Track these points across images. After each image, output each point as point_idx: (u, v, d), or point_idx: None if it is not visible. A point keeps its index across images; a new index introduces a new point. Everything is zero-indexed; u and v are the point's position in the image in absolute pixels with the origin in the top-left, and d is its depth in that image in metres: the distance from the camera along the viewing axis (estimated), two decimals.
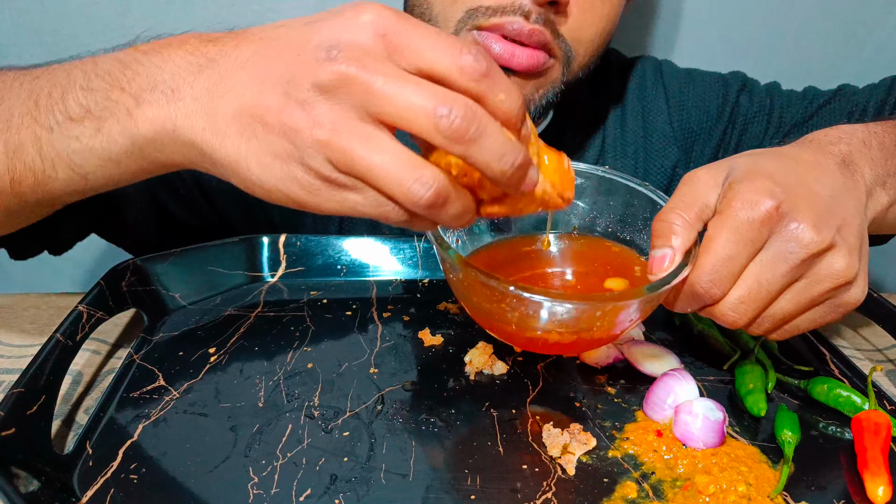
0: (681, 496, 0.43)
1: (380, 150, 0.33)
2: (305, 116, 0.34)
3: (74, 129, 0.41)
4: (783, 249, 0.41)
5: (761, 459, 0.46)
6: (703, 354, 0.57)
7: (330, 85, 0.33)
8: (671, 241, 0.43)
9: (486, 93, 0.33)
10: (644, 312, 0.46)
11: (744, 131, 0.77)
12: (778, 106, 0.77)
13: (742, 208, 0.41)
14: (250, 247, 0.67)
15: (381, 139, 0.33)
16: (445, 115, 0.32)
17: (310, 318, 0.61)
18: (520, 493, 0.43)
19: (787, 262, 0.41)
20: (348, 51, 0.33)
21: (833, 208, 0.42)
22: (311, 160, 0.34)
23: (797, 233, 0.41)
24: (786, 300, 0.43)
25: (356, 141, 0.33)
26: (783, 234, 0.41)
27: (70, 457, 0.44)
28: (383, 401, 0.51)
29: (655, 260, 0.43)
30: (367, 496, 0.42)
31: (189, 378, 0.53)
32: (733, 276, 0.42)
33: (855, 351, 0.63)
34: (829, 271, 0.42)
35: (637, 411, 0.50)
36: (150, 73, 0.38)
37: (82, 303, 0.54)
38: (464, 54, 0.33)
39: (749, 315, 0.43)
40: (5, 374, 0.55)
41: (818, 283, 0.42)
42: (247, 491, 0.42)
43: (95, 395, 0.53)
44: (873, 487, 0.43)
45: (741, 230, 0.41)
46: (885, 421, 0.47)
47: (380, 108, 0.33)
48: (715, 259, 0.42)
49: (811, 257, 0.41)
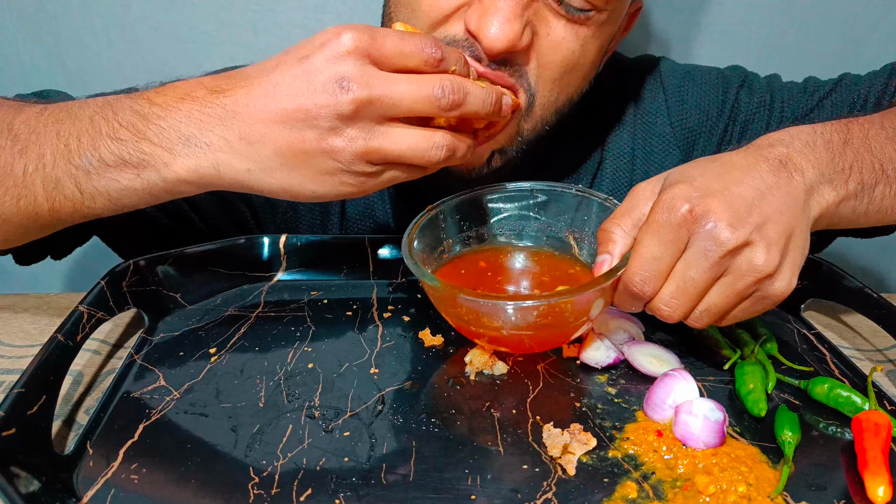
0: (681, 496, 0.43)
1: (401, 138, 0.45)
2: (341, 139, 0.44)
3: (111, 173, 0.48)
4: (703, 247, 0.45)
5: (761, 459, 0.46)
6: (703, 354, 0.57)
7: (352, 111, 0.43)
8: (609, 248, 0.49)
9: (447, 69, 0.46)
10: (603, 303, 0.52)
11: (745, 129, 0.77)
12: (779, 101, 0.76)
13: (661, 213, 0.46)
14: (251, 247, 0.67)
15: (398, 130, 0.45)
16: (442, 96, 0.44)
17: (310, 318, 0.61)
18: (520, 493, 0.43)
19: (708, 259, 0.45)
20: (354, 79, 0.43)
21: (754, 207, 0.45)
22: (356, 167, 0.45)
23: (714, 231, 0.44)
24: (715, 294, 0.47)
25: (383, 140, 0.45)
26: (701, 233, 0.45)
27: (70, 457, 0.44)
28: (384, 401, 0.51)
29: (597, 265, 0.50)
30: (367, 496, 0.42)
31: (189, 378, 0.53)
32: (661, 275, 0.47)
33: (855, 351, 0.63)
34: (749, 266, 0.45)
35: (637, 411, 0.50)
36: (176, 127, 0.46)
37: (83, 303, 0.54)
38: (425, 50, 0.45)
39: (683, 309, 0.47)
40: (6, 374, 0.55)
41: (741, 278, 0.46)
42: (247, 491, 0.42)
43: (96, 395, 0.53)
44: (873, 487, 0.43)
45: (661, 232, 0.46)
46: (885, 421, 0.47)
47: (393, 111, 0.44)
48: (641, 260, 0.47)
49: (729, 254, 0.45)
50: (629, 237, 0.49)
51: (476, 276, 0.60)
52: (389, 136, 0.45)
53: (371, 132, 0.44)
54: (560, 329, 0.52)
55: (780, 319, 0.64)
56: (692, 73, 0.80)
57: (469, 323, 0.51)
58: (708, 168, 0.48)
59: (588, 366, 0.55)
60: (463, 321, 0.52)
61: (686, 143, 0.78)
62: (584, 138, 0.78)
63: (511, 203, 0.62)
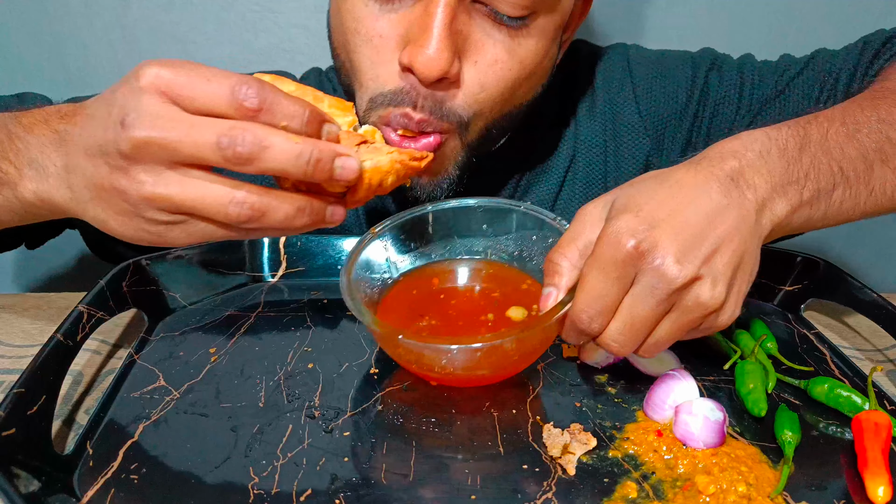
0: (681, 496, 0.43)
1: (194, 188, 0.39)
2: (126, 179, 0.40)
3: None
4: (650, 284, 0.43)
5: (761, 459, 0.46)
6: (703, 354, 0.57)
7: (131, 151, 0.38)
8: (555, 280, 0.48)
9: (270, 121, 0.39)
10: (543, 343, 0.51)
11: (715, 113, 0.75)
12: (749, 83, 0.74)
13: (607, 248, 0.44)
14: (251, 247, 0.67)
15: (194, 179, 0.39)
16: (227, 146, 0.38)
17: (310, 318, 0.61)
18: (520, 493, 0.43)
19: (655, 296, 0.44)
20: (136, 118, 0.38)
21: (704, 235, 0.44)
22: (146, 212, 0.41)
23: (661, 268, 0.43)
24: (663, 329, 0.46)
25: (173, 187, 0.39)
26: (648, 270, 0.43)
27: (70, 457, 0.44)
28: (384, 401, 0.51)
29: (543, 297, 0.48)
30: (367, 496, 0.42)
31: (189, 378, 0.53)
32: (609, 311, 0.45)
33: (855, 351, 0.63)
34: (695, 302, 0.44)
35: (637, 411, 0.50)
36: (27, 149, 0.45)
37: (83, 303, 0.54)
38: (236, 94, 0.38)
39: (631, 344, 0.46)
40: (6, 374, 0.55)
41: (688, 313, 0.44)
42: (247, 491, 0.42)
43: (96, 395, 0.53)
44: (873, 487, 0.43)
45: (607, 269, 0.44)
46: (885, 421, 0.47)
47: (178, 155, 0.39)
48: (588, 297, 0.45)
49: (676, 291, 0.43)
50: (575, 270, 0.47)
51: (428, 298, 0.58)
52: (182, 182, 0.39)
53: (159, 177, 0.39)
54: (508, 368, 0.51)
55: (780, 319, 0.64)
56: (661, 58, 0.78)
57: (410, 363, 0.50)
58: (656, 191, 0.46)
59: (588, 366, 0.55)
60: (404, 361, 0.51)
61: (655, 130, 0.76)
62: (556, 130, 0.77)
63: (459, 220, 0.60)
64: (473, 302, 0.58)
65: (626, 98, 0.76)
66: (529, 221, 0.58)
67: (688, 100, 0.75)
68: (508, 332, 0.47)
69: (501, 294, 0.58)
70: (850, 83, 0.69)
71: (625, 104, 0.76)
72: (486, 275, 0.61)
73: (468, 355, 0.47)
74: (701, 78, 0.75)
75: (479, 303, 0.58)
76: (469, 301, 0.58)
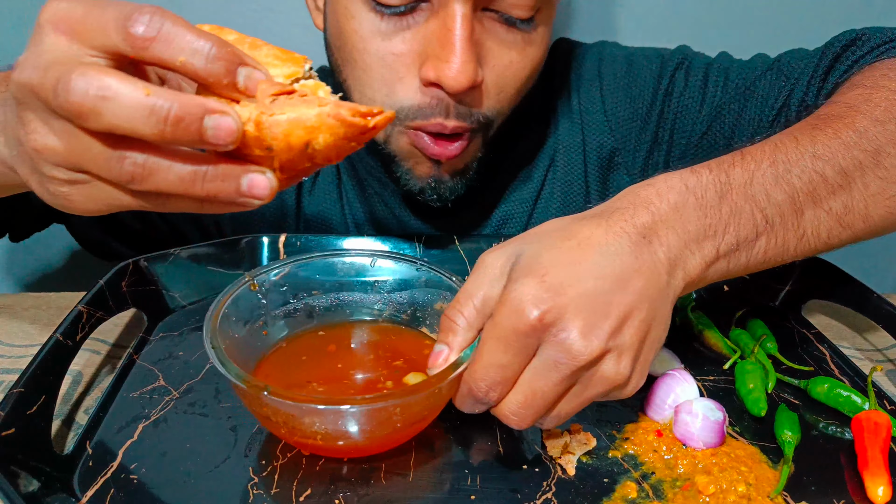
0: (681, 496, 0.43)
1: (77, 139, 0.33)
2: (22, 129, 0.35)
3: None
4: (553, 358, 0.40)
5: (761, 459, 0.46)
6: (703, 354, 0.57)
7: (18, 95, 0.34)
8: (448, 339, 0.44)
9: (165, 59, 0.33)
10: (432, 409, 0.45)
11: (678, 114, 0.73)
12: (713, 83, 0.71)
13: (508, 317, 0.40)
14: (250, 247, 0.67)
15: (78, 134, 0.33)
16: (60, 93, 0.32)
17: None
18: (520, 493, 0.43)
19: (559, 372, 0.40)
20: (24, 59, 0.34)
21: (611, 304, 0.41)
22: (43, 168, 0.35)
23: (566, 343, 0.40)
24: (565, 402, 0.43)
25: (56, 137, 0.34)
26: (552, 343, 0.40)
27: (70, 457, 0.44)
28: None
29: (433, 355, 0.44)
30: (367, 496, 0.42)
31: (189, 378, 0.53)
32: (507, 382, 0.42)
33: (855, 351, 0.63)
34: (600, 377, 0.41)
35: (637, 411, 0.50)
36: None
37: (82, 303, 0.54)
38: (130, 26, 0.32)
39: (530, 418, 0.42)
40: (5, 374, 0.55)
41: (592, 388, 0.42)
42: (247, 491, 0.42)
43: (95, 395, 0.53)
44: (873, 487, 0.43)
45: (508, 339, 0.41)
46: (885, 421, 0.47)
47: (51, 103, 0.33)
48: (486, 366, 0.41)
49: (581, 368, 0.40)
50: (471, 329, 0.43)
51: (323, 365, 0.51)
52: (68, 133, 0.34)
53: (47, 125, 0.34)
54: (393, 437, 0.45)
55: (780, 319, 0.64)
56: (630, 57, 0.76)
57: (279, 427, 0.43)
58: (562, 251, 0.42)
59: None
60: (272, 424, 0.43)
61: (621, 130, 0.75)
62: (536, 131, 0.77)
63: (351, 273, 0.55)
64: (368, 367, 0.52)
65: (594, 97, 0.76)
66: (426, 278, 0.54)
67: (653, 98, 0.74)
68: (391, 395, 0.42)
69: (405, 361, 0.52)
70: (806, 94, 0.65)
71: (591, 103, 0.76)
72: (385, 339, 0.55)
73: (343, 418, 0.41)
74: (667, 77, 0.73)
75: (377, 369, 0.51)
76: (363, 366, 0.53)
